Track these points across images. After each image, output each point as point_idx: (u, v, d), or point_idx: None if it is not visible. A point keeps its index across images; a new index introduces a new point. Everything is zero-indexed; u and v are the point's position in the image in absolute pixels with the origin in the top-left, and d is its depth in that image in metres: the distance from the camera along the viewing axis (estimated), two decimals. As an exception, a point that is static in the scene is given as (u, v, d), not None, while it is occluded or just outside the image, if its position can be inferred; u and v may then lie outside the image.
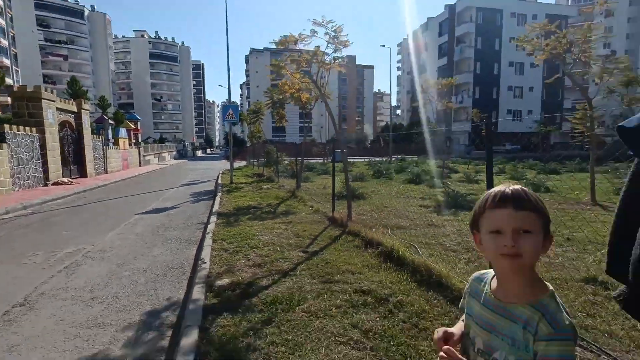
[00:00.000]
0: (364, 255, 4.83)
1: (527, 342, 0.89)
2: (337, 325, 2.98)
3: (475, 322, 1.02)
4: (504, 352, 0.93)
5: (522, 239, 0.87)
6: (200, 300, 3.50)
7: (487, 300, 1.01)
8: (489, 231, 0.92)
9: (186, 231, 7.08)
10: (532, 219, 0.89)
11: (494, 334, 0.95)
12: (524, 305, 0.92)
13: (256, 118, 18.47)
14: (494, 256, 0.92)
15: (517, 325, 0.91)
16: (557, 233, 5.57)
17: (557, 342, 0.86)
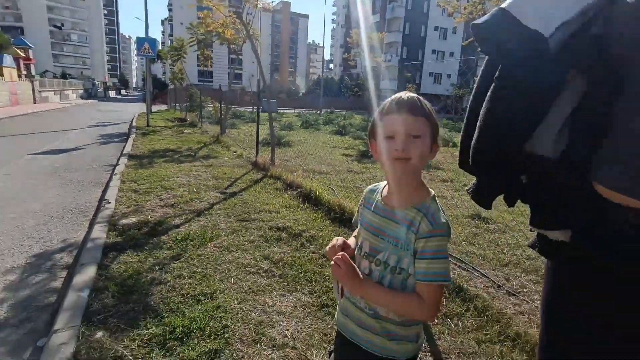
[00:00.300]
0: (284, 196, 4.89)
1: (409, 241, 0.96)
2: (248, 257, 3.03)
3: (365, 229, 1.08)
4: (387, 251, 1.01)
5: (413, 143, 0.93)
6: (101, 239, 3.26)
7: (377, 207, 1.07)
8: (384, 136, 0.96)
9: (91, 173, 6.41)
10: (423, 124, 0.95)
11: (381, 237, 1.02)
12: (409, 208, 0.99)
13: (178, 56, 16.73)
14: (387, 160, 0.96)
15: (402, 227, 0.98)
16: (457, 180, 6.23)
17: (435, 238, 0.95)
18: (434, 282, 0.95)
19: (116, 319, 2.16)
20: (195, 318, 2.18)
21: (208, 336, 2.05)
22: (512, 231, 3.95)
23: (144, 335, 2.03)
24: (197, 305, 2.32)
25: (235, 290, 2.52)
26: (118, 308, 2.27)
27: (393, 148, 0.94)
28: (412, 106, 0.95)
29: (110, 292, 2.43)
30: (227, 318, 2.21)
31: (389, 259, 1.01)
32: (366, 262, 1.05)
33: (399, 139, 0.94)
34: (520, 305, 2.52)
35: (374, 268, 1.03)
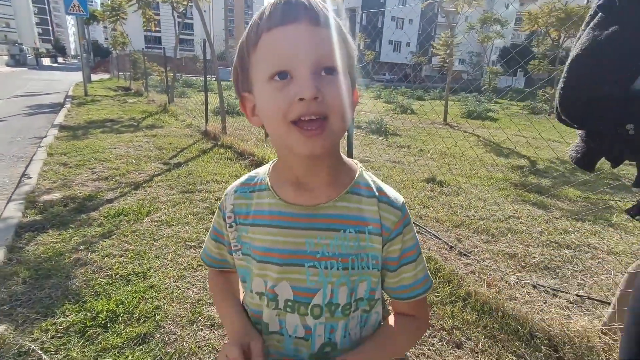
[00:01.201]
0: (234, 166, 4.59)
1: (365, 252, 0.59)
2: (190, 231, 2.78)
3: (267, 261, 0.60)
4: (329, 286, 0.59)
5: (326, 84, 0.50)
6: (15, 218, 2.83)
7: (277, 214, 0.60)
8: (270, 76, 0.51)
9: (13, 146, 5.65)
10: (340, 47, 0.52)
11: (309, 265, 0.59)
12: (344, 198, 0.59)
13: (115, 17, 15.07)
14: (280, 126, 0.52)
15: (345, 233, 0.58)
16: (413, 146, 6.23)
17: (408, 226, 0.62)
18: (426, 292, 0.65)
19: (25, 309, 1.86)
20: (122, 301, 1.93)
21: (137, 320, 1.81)
22: (464, 193, 3.98)
23: (59, 324, 1.76)
24: (126, 287, 2.07)
25: (172, 268, 2.28)
26: (29, 296, 1.96)
27: (293, 95, 0.49)
28: (317, 9, 0.51)
29: (21, 278, 2.09)
30: (161, 298, 1.98)
31: (336, 296, 0.60)
32: (294, 317, 0.61)
33: (302, 73, 0.50)
34: (471, 265, 2.51)
35: (312, 323, 0.61)
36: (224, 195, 0.69)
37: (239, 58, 0.57)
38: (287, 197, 0.60)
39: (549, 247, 2.88)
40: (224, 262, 0.72)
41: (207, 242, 0.74)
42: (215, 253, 0.72)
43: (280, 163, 0.64)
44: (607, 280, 2.47)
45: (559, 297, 2.24)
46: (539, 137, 7.01)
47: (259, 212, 0.62)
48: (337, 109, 0.51)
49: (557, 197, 4.11)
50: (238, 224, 0.65)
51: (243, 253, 0.64)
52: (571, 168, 5.48)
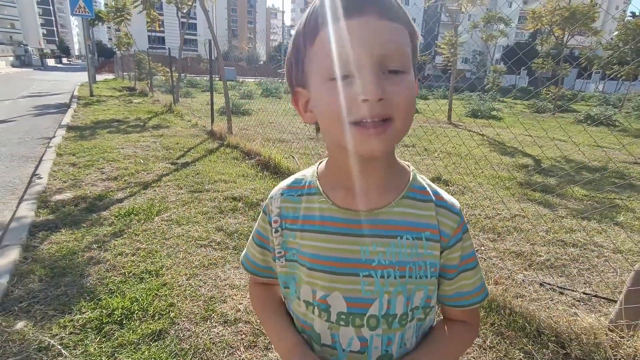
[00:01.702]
0: (241, 166, 4.63)
1: (423, 259, 0.56)
2: (200, 230, 2.82)
3: (317, 269, 0.56)
4: (385, 296, 0.55)
5: (392, 85, 0.46)
6: (29, 218, 2.88)
7: (328, 219, 0.56)
8: (330, 75, 0.47)
9: (22, 147, 5.72)
10: (407, 43, 0.49)
11: (365, 274, 0.55)
12: (400, 203, 0.56)
13: (120, 18, 15.16)
14: (338, 127, 0.48)
15: (401, 240, 0.55)
16: (418, 145, 6.24)
17: (467, 232, 0.59)
18: (484, 301, 0.62)
19: (43, 306, 1.90)
20: (137, 298, 1.97)
21: (152, 317, 1.86)
22: (471, 192, 4.00)
23: (76, 321, 1.80)
24: (140, 284, 2.11)
25: (183, 266, 2.32)
26: (46, 293, 2.01)
27: (355, 96, 0.46)
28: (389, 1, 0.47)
29: (37, 276, 2.14)
30: (174, 296, 2.02)
31: (393, 306, 0.56)
32: (349, 330, 0.57)
33: (367, 73, 0.45)
34: (477, 263, 2.54)
35: (369, 335, 0.57)
36: (268, 197, 0.64)
37: (294, 49, 0.52)
38: (340, 202, 0.56)
39: (555, 246, 2.90)
40: (269, 271, 0.67)
41: (249, 248, 0.69)
42: (259, 260, 0.67)
43: (331, 164, 0.59)
44: (613, 278, 2.49)
45: (565, 295, 2.26)
46: (545, 136, 7.02)
47: (308, 217, 0.58)
48: (402, 110, 0.48)
49: (563, 196, 4.12)
50: (284, 228, 0.60)
51: (287, 259, 0.60)
52: (576, 167, 5.48)
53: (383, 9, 0.46)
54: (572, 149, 6.21)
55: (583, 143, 7.19)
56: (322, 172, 0.61)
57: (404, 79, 0.47)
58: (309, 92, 0.53)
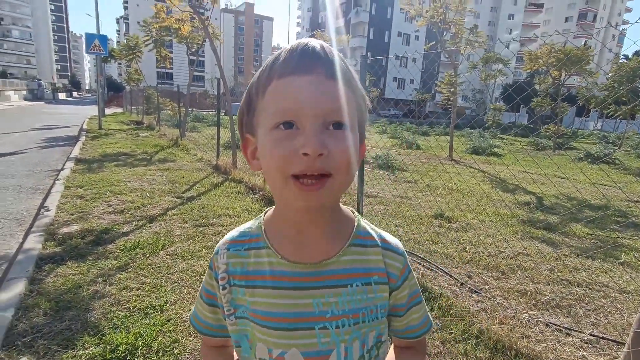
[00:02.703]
0: (245, 200, 4.70)
1: (374, 303, 0.57)
2: (204, 265, 2.83)
3: (271, 327, 0.55)
4: (342, 345, 0.56)
5: (334, 140, 0.48)
6: (36, 250, 2.91)
7: (279, 274, 0.56)
8: (275, 124, 0.49)
9: (31, 179, 5.84)
10: (351, 102, 0.51)
11: (320, 327, 0.55)
12: (348, 251, 0.57)
13: (132, 55, 15.90)
14: (279, 179, 0.49)
15: (352, 288, 0.56)
16: (420, 181, 6.33)
17: (411, 272, 0.62)
18: (429, 329, 0.66)
19: (47, 340, 1.90)
20: (141, 334, 1.96)
21: (155, 353, 1.85)
22: (473, 229, 4.02)
23: (79, 357, 1.79)
24: (144, 320, 2.11)
25: (188, 301, 2.32)
26: (50, 327, 2.01)
27: (297, 149, 0.47)
28: (333, 61, 0.50)
29: (42, 310, 2.15)
30: (178, 332, 2.01)
31: (350, 354, 0.57)
32: None
33: (309, 127, 0.47)
34: (482, 302, 2.52)
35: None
36: (213, 253, 0.62)
37: (246, 99, 0.55)
38: (289, 255, 0.56)
39: (559, 285, 2.88)
40: (222, 330, 0.63)
41: (198, 306, 0.66)
42: (210, 319, 0.64)
43: (277, 214, 0.60)
44: (620, 319, 2.46)
45: (572, 336, 2.23)
46: (546, 173, 7.11)
47: (259, 272, 0.57)
48: (342, 166, 0.49)
49: (566, 234, 4.13)
50: (232, 285, 0.59)
51: (237, 317, 0.59)
52: (578, 205, 5.51)
53: (330, 69, 0.49)
54: (574, 187, 6.28)
55: (584, 181, 7.27)
56: (269, 223, 0.60)
57: (346, 135, 0.49)
58: (256, 140, 0.54)
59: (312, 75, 0.48)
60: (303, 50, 0.49)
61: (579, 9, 67.50)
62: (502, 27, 64.44)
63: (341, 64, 0.51)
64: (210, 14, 6.55)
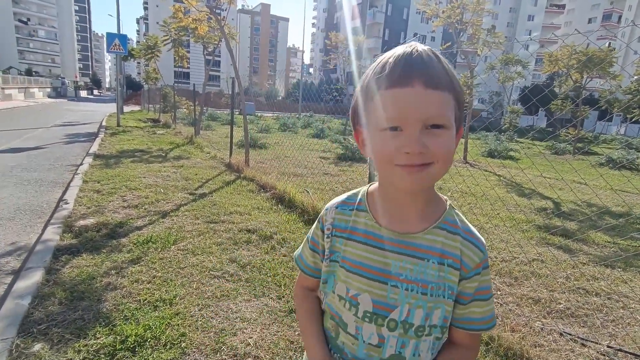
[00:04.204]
0: (256, 198, 4.73)
1: (444, 282, 0.65)
2: (214, 260, 2.86)
3: (355, 272, 0.68)
4: (404, 305, 0.65)
5: (433, 138, 0.57)
6: (53, 241, 3.00)
7: (370, 234, 0.68)
8: (383, 127, 0.58)
9: (52, 173, 6.01)
10: (448, 105, 0.58)
11: (392, 284, 0.65)
12: (432, 230, 0.65)
13: (151, 55, 16.22)
14: (387, 166, 0.60)
15: (428, 262, 0.64)
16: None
17: (487, 269, 0.67)
18: (489, 328, 0.69)
19: (60, 329, 1.95)
20: (150, 326, 1.99)
21: (163, 346, 1.87)
22: (486, 233, 3.94)
23: (91, 346, 1.83)
24: (153, 312, 2.14)
25: (196, 296, 2.35)
26: (64, 316, 2.06)
27: (399, 147, 0.57)
28: (431, 72, 0.57)
29: (57, 299, 2.20)
30: (186, 326, 2.04)
31: (412, 316, 0.65)
32: (371, 326, 0.67)
33: (411, 131, 0.56)
34: (494, 309, 2.46)
35: (387, 334, 0.67)
36: (324, 209, 0.77)
37: (358, 99, 0.65)
38: (382, 221, 0.68)
39: (575, 294, 2.80)
40: (316, 271, 0.78)
41: (303, 249, 0.82)
42: (310, 261, 0.79)
43: (380, 190, 0.70)
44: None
45: (588, 347, 2.16)
46: (565, 178, 6.93)
47: (355, 228, 0.70)
48: (441, 157, 0.58)
49: (584, 241, 4.01)
50: (334, 235, 0.72)
51: (331, 260, 0.72)
52: (598, 212, 5.35)
53: (428, 80, 0.56)
54: (593, 192, 6.09)
55: (605, 187, 7.05)
56: (371, 195, 0.73)
57: (443, 133, 0.58)
58: (366, 132, 0.64)
59: (412, 87, 0.56)
60: (405, 62, 0.57)
61: (603, 10, 65.47)
62: (521, 28, 63.09)
63: (440, 70, 0.58)
64: (226, 14, 6.62)
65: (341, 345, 0.72)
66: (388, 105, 0.57)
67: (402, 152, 0.57)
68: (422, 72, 0.56)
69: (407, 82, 0.56)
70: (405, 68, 0.57)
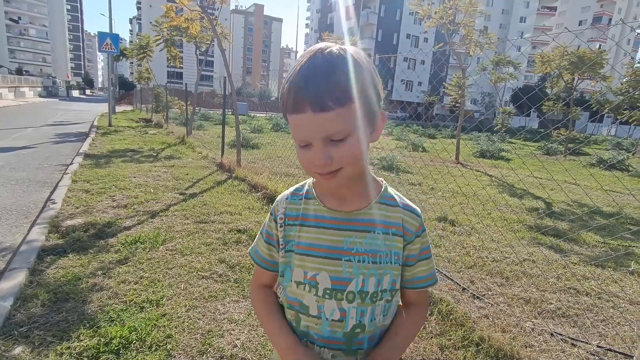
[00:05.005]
0: (247, 198, 4.69)
1: (392, 249, 0.72)
2: (202, 261, 2.82)
3: (311, 255, 0.74)
4: (360, 277, 0.71)
5: (336, 148, 0.62)
6: (39, 242, 2.93)
7: (321, 217, 0.74)
8: (298, 143, 0.66)
9: (40, 172, 5.91)
10: (345, 118, 0.61)
11: (346, 259, 0.71)
12: (374, 205, 0.74)
13: (143, 54, 16.06)
14: (310, 173, 0.69)
15: (374, 234, 0.72)
16: (425, 183, 6.26)
17: (425, 231, 0.76)
18: (434, 283, 0.79)
19: (43, 331, 1.90)
20: (136, 327, 1.95)
21: (148, 348, 1.83)
22: (477, 233, 3.95)
23: (73, 348, 1.78)
24: (140, 314, 2.09)
25: (184, 297, 2.31)
26: (47, 318, 2.01)
27: (310, 160, 0.64)
28: (320, 94, 0.59)
29: (40, 301, 2.15)
30: (172, 327, 2.00)
31: (367, 285, 0.72)
32: (332, 302, 0.73)
33: (316, 148, 0.63)
34: (484, 309, 2.46)
35: (346, 306, 0.72)
36: (275, 202, 0.82)
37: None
38: (329, 205, 0.74)
39: (566, 294, 2.80)
40: (273, 264, 0.82)
41: (258, 243, 0.85)
42: (266, 254, 0.83)
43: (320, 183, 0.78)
44: (630, 331, 2.38)
45: (578, 347, 2.16)
46: (557, 179, 6.98)
47: (306, 215, 0.76)
48: (347, 163, 0.64)
49: (575, 241, 4.03)
50: (287, 224, 0.77)
51: (286, 250, 0.77)
52: (589, 211, 5.39)
53: (316, 105, 0.59)
54: (585, 193, 6.14)
55: (595, 187, 7.11)
56: (316, 184, 0.79)
57: (345, 143, 0.62)
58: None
59: (305, 114, 0.60)
60: (297, 90, 0.60)
61: (594, 13, 66.38)
62: (513, 30, 63.70)
63: (335, 85, 0.59)
64: (218, 14, 6.56)
65: (305, 330, 0.75)
66: (293, 128, 0.64)
67: (312, 162, 0.64)
68: (310, 99, 0.59)
69: (300, 109, 0.60)
70: (297, 97, 0.60)
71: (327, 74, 0.59)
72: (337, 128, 0.61)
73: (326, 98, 0.59)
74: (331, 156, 0.62)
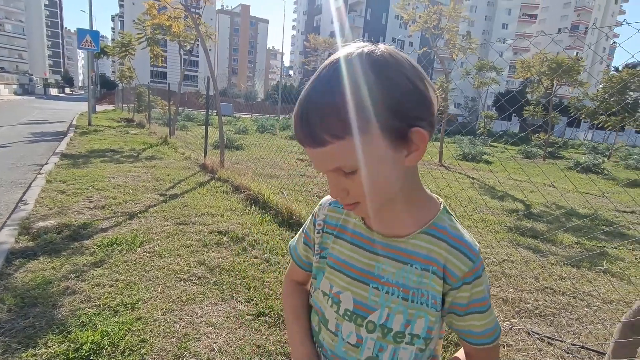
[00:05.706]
0: (230, 199, 4.62)
1: (429, 290, 0.62)
2: (181, 263, 2.75)
3: (339, 270, 0.68)
4: (384, 308, 0.63)
5: (349, 181, 0.56)
6: (7, 244, 2.81)
7: (357, 234, 0.68)
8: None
9: (13, 173, 5.69)
10: (347, 153, 0.52)
11: (373, 286, 0.64)
12: (417, 235, 0.63)
13: (125, 53, 15.71)
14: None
15: (410, 267, 0.62)
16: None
17: (480, 278, 0.62)
18: (496, 341, 0.66)
19: (7, 338, 1.81)
20: (108, 332, 1.88)
21: (121, 353, 1.77)
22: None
23: (40, 355, 1.71)
24: (113, 318, 2.02)
25: (161, 300, 2.24)
26: (13, 324, 1.92)
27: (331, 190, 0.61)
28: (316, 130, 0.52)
29: (6, 306, 2.05)
30: (147, 331, 1.94)
31: (391, 321, 0.63)
32: (350, 325, 0.66)
33: (329, 180, 0.58)
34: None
35: (365, 335, 0.65)
36: (318, 204, 0.77)
37: None
38: (369, 223, 0.67)
39: (543, 293, 2.86)
40: (307, 265, 0.79)
41: (297, 241, 0.82)
42: (302, 254, 0.80)
43: None
44: (602, 329, 2.44)
45: (553, 345, 2.20)
46: (535, 182, 7.15)
47: (345, 227, 0.70)
48: (361, 198, 0.57)
49: (552, 242, 4.12)
50: (325, 231, 0.73)
51: (321, 257, 0.73)
52: (566, 213, 5.53)
53: (312, 142, 0.53)
54: (562, 195, 6.31)
55: (573, 190, 7.32)
56: None
57: (358, 177, 0.54)
58: None
59: (306, 147, 0.54)
60: (295, 124, 0.54)
61: (572, 21, 68.74)
62: (495, 36, 65.25)
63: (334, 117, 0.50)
64: (202, 12, 6.47)
65: (322, 341, 0.72)
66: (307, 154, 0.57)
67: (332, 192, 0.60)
68: (306, 135, 0.53)
69: (301, 141, 0.55)
70: (295, 129, 0.55)
71: (325, 104, 0.50)
72: (340, 163, 0.53)
73: (320, 132, 0.51)
74: (345, 189, 0.57)
